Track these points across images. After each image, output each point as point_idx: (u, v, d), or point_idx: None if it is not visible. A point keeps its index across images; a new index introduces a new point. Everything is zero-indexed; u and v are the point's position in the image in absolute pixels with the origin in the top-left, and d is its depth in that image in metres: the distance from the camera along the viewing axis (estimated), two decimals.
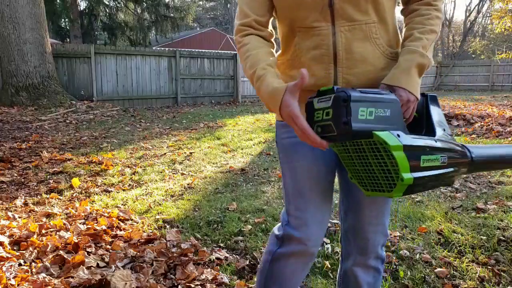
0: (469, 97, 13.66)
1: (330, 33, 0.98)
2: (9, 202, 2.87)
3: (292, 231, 1.09)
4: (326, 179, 1.10)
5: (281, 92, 0.89)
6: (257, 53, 1.00)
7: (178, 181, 3.50)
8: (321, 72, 1.01)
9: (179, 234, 2.28)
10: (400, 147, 0.81)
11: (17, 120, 6.83)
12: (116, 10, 16.35)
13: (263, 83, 0.94)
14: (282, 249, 1.12)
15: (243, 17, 1.04)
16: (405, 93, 0.95)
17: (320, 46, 0.99)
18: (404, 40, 1.04)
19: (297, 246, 1.10)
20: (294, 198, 1.09)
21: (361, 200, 1.10)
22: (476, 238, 2.24)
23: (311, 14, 0.98)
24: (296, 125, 0.87)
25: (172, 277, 1.82)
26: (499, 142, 5.09)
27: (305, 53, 1.02)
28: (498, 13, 16.64)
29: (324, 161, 1.08)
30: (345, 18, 0.97)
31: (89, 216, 2.53)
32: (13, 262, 1.83)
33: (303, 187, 1.08)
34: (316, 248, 1.12)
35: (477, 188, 3.22)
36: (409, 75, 0.96)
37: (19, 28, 8.07)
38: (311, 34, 1.00)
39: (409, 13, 1.07)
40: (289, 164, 1.10)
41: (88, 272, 1.75)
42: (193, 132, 6.36)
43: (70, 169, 3.78)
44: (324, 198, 1.10)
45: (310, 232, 1.08)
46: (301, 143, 1.05)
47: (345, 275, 1.21)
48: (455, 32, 34.81)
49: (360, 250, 1.14)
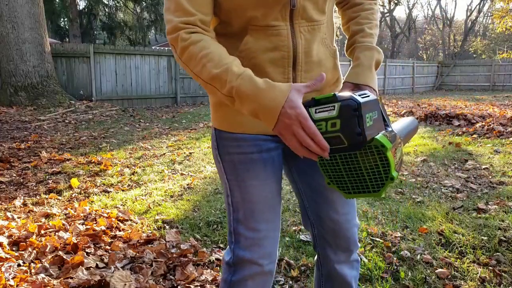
0: (470, 97, 13.66)
1: (290, 34, 0.91)
2: (8, 203, 2.86)
3: (243, 253, 1.01)
4: (277, 195, 1.04)
5: (286, 90, 0.78)
6: (218, 51, 0.83)
7: (178, 182, 3.49)
8: (278, 76, 0.92)
9: (179, 235, 2.26)
10: (390, 147, 0.81)
11: (16, 120, 6.81)
12: (115, 10, 16.34)
13: (247, 81, 0.79)
14: (236, 275, 1.03)
15: (184, 15, 0.85)
16: (371, 90, 0.95)
17: (279, 48, 0.91)
18: (354, 34, 1.03)
19: (251, 268, 1.01)
20: (245, 218, 1.00)
21: (332, 198, 1.05)
22: (477, 238, 2.23)
23: (269, 12, 0.88)
24: (305, 129, 0.75)
25: (171, 278, 1.81)
26: (500, 142, 5.08)
27: (259, 54, 0.91)
28: (499, 13, 16.64)
29: (275, 178, 1.02)
30: (304, 18, 0.91)
31: (88, 217, 2.52)
32: (12, 263, 1.82)
33: (255, 207, 0.99)
34: (273, 265, 1.05)
35: (478, 189, 3.21)
36: (372, 72, 0.97)
37: (18, 27, 8.06)
38: (268, 34, 0.90)
39: (351, 6, 1.06)
40: (239, 183, 0.99)
41: (87, 272, 1.74)
42: (193, 132, 6.34)
43: (69, 169, 3.77)
44: (275, 214, 1.04)
45: (263, 251, 1.01)
46: (251, 161, 0.97)
47: (329, 277, 1.15)
48: (456, 32, 34.81)
49: (343, 249, 1.10)
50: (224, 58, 0.82)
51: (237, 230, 1.02)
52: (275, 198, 1.03)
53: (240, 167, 0.98)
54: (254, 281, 1.03)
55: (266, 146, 0.99)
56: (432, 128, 6.55)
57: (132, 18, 16.89)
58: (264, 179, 0.99)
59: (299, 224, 2.50)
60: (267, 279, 1.06)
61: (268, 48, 0.91)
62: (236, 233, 1.02)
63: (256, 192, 0.99)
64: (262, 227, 1.01)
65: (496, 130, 5.61)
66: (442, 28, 34.77)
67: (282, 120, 0.77)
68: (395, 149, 0.86)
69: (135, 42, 15.98)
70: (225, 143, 1.00)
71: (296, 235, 2.31)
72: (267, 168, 0.99)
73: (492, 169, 3.80)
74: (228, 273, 1.05)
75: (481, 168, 3.82)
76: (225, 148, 1.00)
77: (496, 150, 4.59)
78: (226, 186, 1.03)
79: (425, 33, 36.99)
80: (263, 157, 0.99)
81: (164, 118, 8.10)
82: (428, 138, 5.67)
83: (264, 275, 1.04)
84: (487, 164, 3.98)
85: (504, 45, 24.66)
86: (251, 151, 0.98)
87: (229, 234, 1.05)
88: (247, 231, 1.00)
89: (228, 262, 1.05)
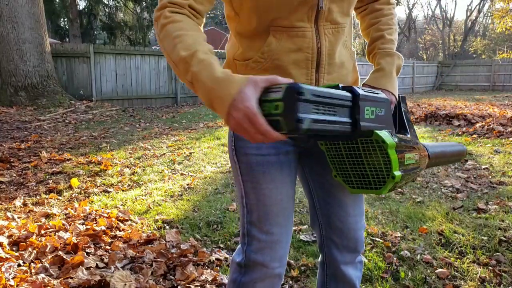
0: (470, 97, 13.66)
1: (314, 35, 0.91)
2: (8, 203, 2.86)
3: (255, 256, 1.01)
4: (291, 199, 1.04)
5: (241, 82, 0.71)
6: (195, 35, 0.80)
7: (178, 182, 3.49)
8: (302, 77, 0.93)
9: (179, 235, 2.27)
10: (394, 145, 0.83)
11: (16, 120, 6.81)
12: (115, 10, 16.34)
13: (206, 68, 0.75)
14: (246, 277, 1.03)
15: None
16: (389, 94, 0.98)
17: (303, 49, 0.91)
18: (375, 40, 1.06)
19: (262, 271, 1.02)
20: (259, 221, 1.00)
21: (343, 200, 1.07)
22: (477, 238, 2.23)
23: (294, 13, 0.88)
24: (254, 125, 0.69)
25: (171, 278, 1.81)
26: (500, 142, 5.08)
27: (283, 55, 0.91)
28: (499, 13, 16.65)
29: (290, 181, 1.02)
30: (329, 20, 0.92)
31: (88, 217, 2.52)
32: (12, 263, 1.82)
33: (269, 210, 0.99)
34: (282, 268, 1.06)
35: (478, 189, 3.21)
36: (392, 78, 1.00)
37: (18, 27, 8.06)
38: (292, 35, 0.90)
39: (371, 11, 1.08)
40: (254, 185, 0.99)
41: (87, 272, 1.74)
42: (193, 132, 6.34)
43: (69, 169, 3.77)
44: (289, 218, 1.04)
45: (275, 255, 1.02)
46: (268, 163, 0.97)
47: (334, 278, 1.16)
48: (456, 32, 34.81)
49: (350, 250, 1.12)
50: (196, 43, 0.78)
51: (251, 232, 1.01)
52: (289, 202, 1.03)
53: (256, 169, 0.98)
54: (264, 283, 1.04)
55: (285, 148, 0.99)
56: (432, 128, 6.55)
57: (132, 18, 16.88)
58: (280, 182, 0.99)
59: (299, 224, 2.50)
60: (277, 282, 1.06)
61: (291, 49, 0.91)
62: (249, 236, 1.02)
63: (271, 195, 0.99)
64: (275, 231, 1.00)
65: (496, 130, 5.61)
66: (442, 28, 34.77)
67: (231, 114, 0.71)
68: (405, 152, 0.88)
69: (135, 42, 15.97)
70: (243, 144, 0.98)
71: (296, 235, 2.31)
72: (284, 171, 0.99)
73: (492, 169, 3.80)
74: (238, 274, 1.05)
75: (481, 168, 3.83)
76: (243, 149, 0.99)
77: (496, 150, 4.59)
78: (241, 188, 1.02)
79: (425, 33, 36.99)
80: (280, 159, 0.99)
81: (164, 118, 8.10)
82: (428, 138, 5.67)
83: (273, 277, 1.04)
84: (487, 164, 3.98)
85: (504, 45, 24.66)
86: (269, 153, 0.97)
87: (241, 235, 1.05)
88: (260, 234, 1.00)
89: (239, 263, 1.05)
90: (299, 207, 2.82)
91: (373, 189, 0.89)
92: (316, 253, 2.09)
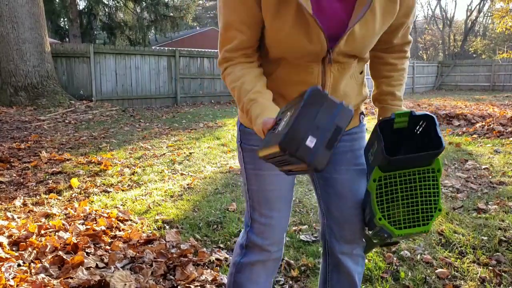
0: (470, 97, 13.67)
1: (320, 72, 0.98)
2: (8, 203, 2.86)
3: (255, 238, 1.12)
4: (291, 186, 1.13)
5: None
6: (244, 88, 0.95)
7: (178, 182, 3.49)
8: None
9: (179, 235, 2.26)
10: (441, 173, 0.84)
11: (16, 120, 6.81)
12: (115, 10, 16.32)
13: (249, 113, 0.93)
14: (245, 258, 1.14)
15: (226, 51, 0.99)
16: None
17: (307, 83, 0.97)
18: (385, 94, 1.11)
19: (260, 254, 1.12)
20: (260, 205, 1.10)
21: (341, 191, 1.12)
22: (477, 238, 2.23)
23: (306, 58, 0.96)
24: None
25: (171, 278, 1.81)
26: (500, 142, 5.08)
27: (289, 86, 1.01)
28: (499, 13, 16.65)
29: None
30: (336, 62, 0.98)
31: (88, 217, 2.52)
32: (12, 263, 1.82)
33: (270, 195, 1.09)
34: (280, 252, 1.16)
35: (478, 189, 3.21)
36: None
37: (18, 27, 8.06)
38: (300, 70, 0.98)
39: (385, 63, 1.11)
40: (256, 172, 1.09)
41: (87, 272, 1.74)
42: (193, 132, 6.34)
43: (69, 169, 3.77)
44: (287, 204, 1.13)
45: (273, 238, 1.11)
46: None
47: (335, 268, 1.21)
48: (456, 32, 34.80)
49: (346, 240, 1.15)
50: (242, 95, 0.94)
51: (253, 216, 1.13)
52: (289, 189, 1.13)
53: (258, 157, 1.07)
54: (263, 265, 1.14)
55: None
56: None
57: (132, 18, 16.85)
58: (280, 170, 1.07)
59: (299, 224, 2.50)
60: (274, 264, 1.17)
61: (297, 81, 0.99)
62: (252, 219, 1.13)
63: (271, 181, 1.08)
64: (274, 215, 1.10)
65: (496, 130, 5.61)
66: (442, 28, 34.77)
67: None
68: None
69: (135, 42, 15.95)
70: (248, 137, 1.10)
71: (296, 235, 2.31)
72: None
73: (492, 169, 3.80)
74: (239, 255, 1.16)
75: (481, 168, 3.82)
76: (248, 141, 1.10)
77: (496, 150, 4.59)
78: (244, 175, 1.13)
79: (425, 33, 36.99)
80: None
81: (164, 118, 8.10)
82: None
83: (271, 261, 1.14)
84: (487, 164, 3.98)
85: (504, 45, 24.67)
86: None
87: (245, 219, 1.17)
88: (260, 217, 1.11)
89: (241, 244, 1.16)
90: (299, 207, 2.83)
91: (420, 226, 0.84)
92: (316, 253, 2.09)
